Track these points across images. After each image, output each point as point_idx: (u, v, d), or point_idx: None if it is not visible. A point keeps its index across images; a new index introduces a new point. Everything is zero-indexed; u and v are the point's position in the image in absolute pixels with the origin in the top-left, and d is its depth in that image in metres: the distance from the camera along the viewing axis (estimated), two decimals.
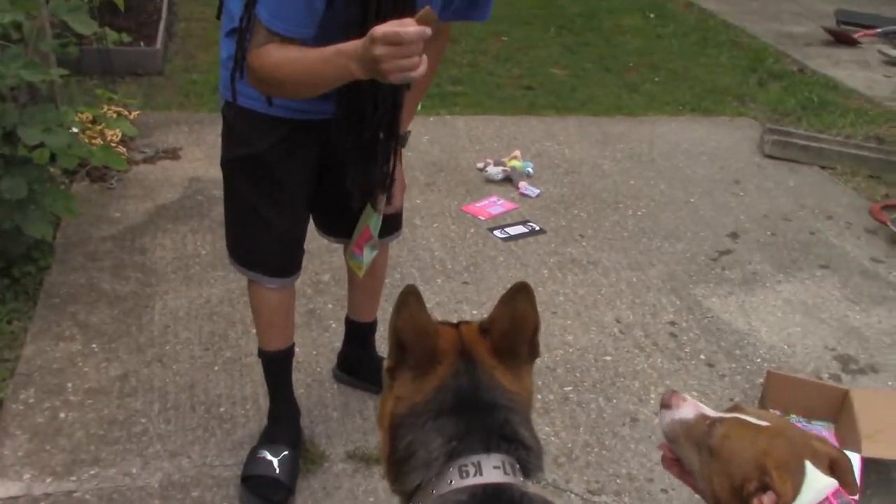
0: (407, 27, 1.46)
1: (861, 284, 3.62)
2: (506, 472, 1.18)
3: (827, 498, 1.32)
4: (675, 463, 1.42)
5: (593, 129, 4.97)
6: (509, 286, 1.27)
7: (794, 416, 2.75)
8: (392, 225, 2.41)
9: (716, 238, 3.88)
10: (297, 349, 2.84)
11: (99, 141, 3.84)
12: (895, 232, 3.97)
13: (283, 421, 2.42)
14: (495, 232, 3.74)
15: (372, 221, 2.26)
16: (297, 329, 2.93)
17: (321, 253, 3.33)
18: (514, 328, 1.27)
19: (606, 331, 3.14)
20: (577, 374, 2.89)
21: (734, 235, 3.92)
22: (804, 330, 3.27)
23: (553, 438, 2.59)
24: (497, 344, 1.27)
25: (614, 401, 2.78)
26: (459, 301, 3.22)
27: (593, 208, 4.05)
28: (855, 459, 2.38)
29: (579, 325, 3.15)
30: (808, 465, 1.33)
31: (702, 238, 3.87)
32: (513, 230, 3.77)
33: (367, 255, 2.32)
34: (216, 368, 2.75)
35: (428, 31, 1.47)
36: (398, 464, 1.25)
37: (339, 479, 2.38)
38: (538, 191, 4.13)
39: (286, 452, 2.31)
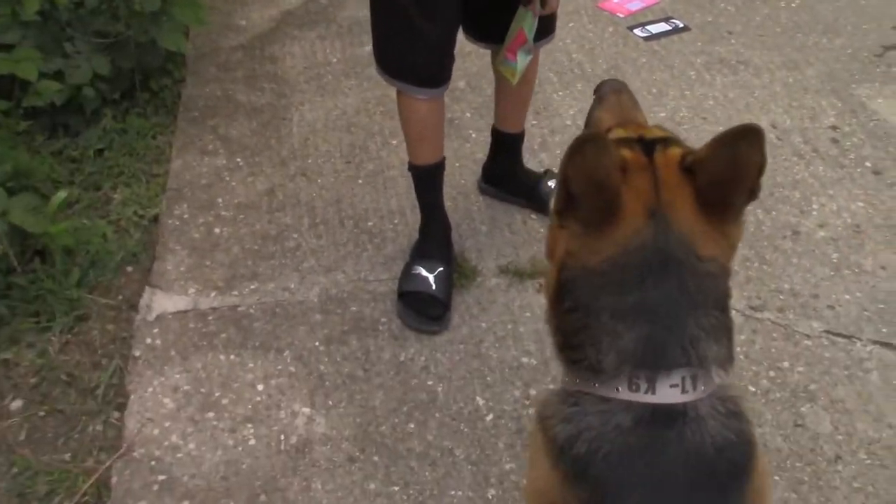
0: None
1: None
2: (684, 390, 1.01)
3: None
4: None
5: None
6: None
7: None
8: (546, 27, 2.23)
9: (881, 31, 3.53)
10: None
11: None
12: None
13: (436, 236, 2.39)
14: (636, 31, 3.49)
15: (527, 24, 2.10)
16: None
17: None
18: (733, 177, 1.01)
19: None
20: None
21: None
22: None
23: None
24: (705, 193, 1.03)
25: (773, 213, 2.64)
26: None
27: (741, 1, 3.72)
28: None
29: None
30: None
31: (865, 32, 3.53)
32: (655, 28, 3.51)
33: (522, 61, 2.17)
34: (360, 182, 2.72)
35: None
36: (564, 334, 1.10)
37: (494, 294, 2.36)
38: None
39: (441, 269, 2.30)
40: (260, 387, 2.10)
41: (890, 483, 1.93)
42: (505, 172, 2.61)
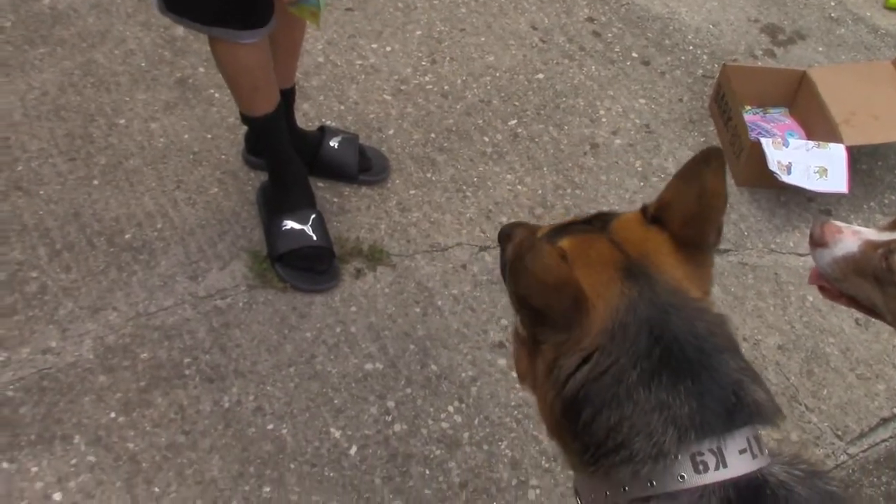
0: None
1: None
2: (754, 455, 0.83)
3: None
4: (838, 295, 1.19)
5: None
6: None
7: (748, 107, 2.57)
8: None
9: None
10: (185, 136, 2.32)
11: None
12: None
13: (297, 181, 2.08)
14: None
15: None
16: (172, 108, 2.39)
17: None
18: (703, 211, 0.91)
19: (527, 42, 2.74)
20: (516, 103, 2.53)
21: None
22: (721, 3, 3.01)
23: (520, 187, 2.29)
24: (680, 235, 0.91)
25: (565, 127, 2.48)
26: (352, 35, 2.69)
27: None
28: (840, 151, 2.26)
29: (495, 41, 2.73)
30: None
31: None
32: None
33: None
34: (96, 183, 2.18)
35: None
36: (594, 447, 0.87)
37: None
38: None
39: (314, 214, 2.05)
40: (57, 495, 1.62)
41: None
42: None
